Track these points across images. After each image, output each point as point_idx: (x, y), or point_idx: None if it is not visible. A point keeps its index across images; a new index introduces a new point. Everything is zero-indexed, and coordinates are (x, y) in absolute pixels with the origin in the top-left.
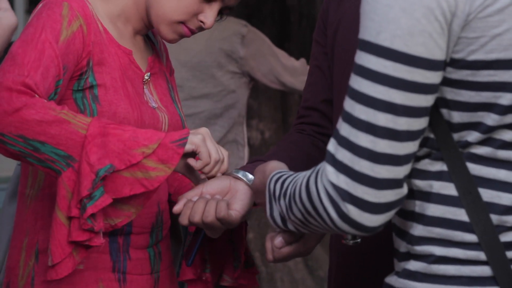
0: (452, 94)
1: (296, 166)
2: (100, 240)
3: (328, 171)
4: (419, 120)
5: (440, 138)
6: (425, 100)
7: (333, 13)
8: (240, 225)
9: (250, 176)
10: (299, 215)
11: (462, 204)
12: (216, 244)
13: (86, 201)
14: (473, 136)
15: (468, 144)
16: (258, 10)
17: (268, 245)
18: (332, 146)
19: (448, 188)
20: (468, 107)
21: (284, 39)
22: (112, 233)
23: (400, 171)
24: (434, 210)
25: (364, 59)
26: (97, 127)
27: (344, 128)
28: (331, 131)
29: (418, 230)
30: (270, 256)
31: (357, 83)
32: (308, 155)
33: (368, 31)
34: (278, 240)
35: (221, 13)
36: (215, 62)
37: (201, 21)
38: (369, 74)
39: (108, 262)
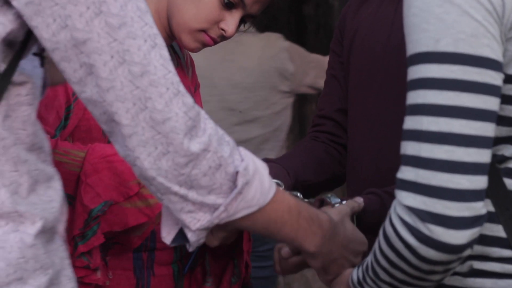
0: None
1: (307, 172)
2: (95, 277)
3: (402, 196)
4: (491, 125)
5: None
6: (495, 103)
7: (350, 22)
8: (240, 239)
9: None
10: (386, 278)
11: (500, 220)
12: (217, 256)
13: (78, 239)
14: (510, 150)
15: (505, 159)
16: (274, 20)
17: (276, 256)
18: (400, 172)
19: (486, 205)
20: (507, 121)
21: None
22: (136, 250)
23: (481, 181)
24: None
25: (423, 70)
26: (91, 163)
27: (411, 147)
28: (344, 140)
29: None
30: (277, 267)
31: (420, 96)
32: (320, 161)
33: (423, 42)
34: (285, 250)
35: (243, 21)
36: (268, 83)
37: (222, 29)
38: (433, 83)
39: (132, 279)
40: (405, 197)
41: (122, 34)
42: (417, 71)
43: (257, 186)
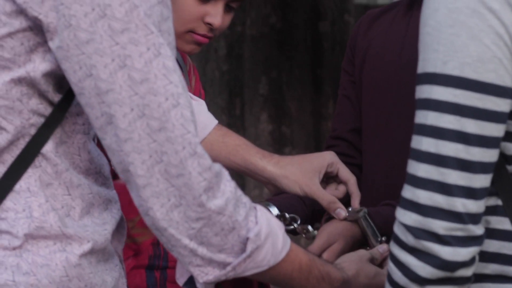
0: (510, 126)
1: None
2: None
3: (399, 214)
4: (490, 151)
5: (494, 171)
6: (497, 130)
7: (361, 41)
8: None
9: (274, 207)
10: None
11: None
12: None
13: None
14: None
15: None
16: (290, 37)
17: None
18: (402, 190)
19: (503, 223)
20: None
21: (316, 66)
22: (149, 267)
23: (474, 205)
24: (489, 245)
25: (429, 91)
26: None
27: (410, 166)
28: (358, 161)
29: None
30: None
31: (423, 117)
32: None
33: (432, 63)
34: None
35: (231, 8)
36: None
37: (209, 23)
38: (436, 105)
39: None
40: (402, 215)
41: (143, 89)
42: (423, 91)
43: (268, 248)
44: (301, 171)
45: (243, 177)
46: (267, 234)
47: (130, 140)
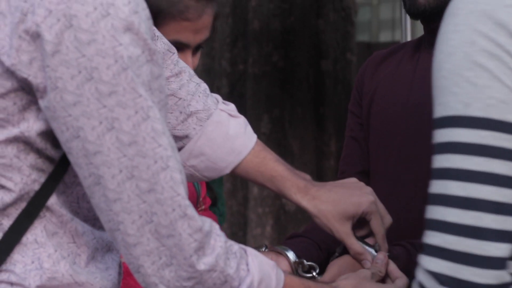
0: None
1: (337, 241)
2: None
3: (425, 261)
4: None
5: None
6: None
7: (368, 83)
8: None
9: (292, 253)
10: None
11: None
12: None
13: None
14: None
15: None
16: (292, 75)
17: None
18: (426, 236)
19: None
20: None
21: (318, 104)
22: None
23: (507, 249)
24: None
25: (451, 134)
26: None
27: (437, 211)
28: None
29: None
30: None
31: (447, 161)
32: None
33: (452, 106)
34: None
35: (196, 48)
36: None
37: None
38: (462, 148)
39: None
40: (428, 262)
41: (132, 152)
42: (444, 135)
43: None
44: (333, 215)
45: (245, 215)
46: (260, 280)
47: (119, 201)
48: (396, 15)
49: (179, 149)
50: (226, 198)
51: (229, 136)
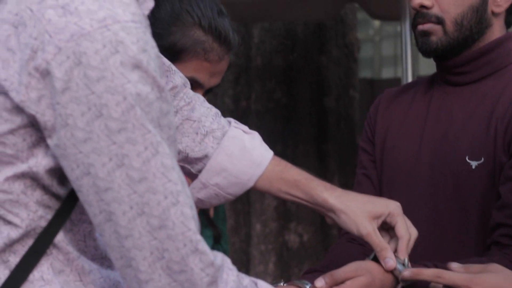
0: None
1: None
2: None
3: None
4: None
5: None
6: None
7: (381, 120)
8: None
9: (311, 285)
10: None
11: None
12: None
13: None
14: None
15: None
16: (295, 111)
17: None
18: None
19: None
20: None
21: (321, 141)
22: None
23: None
24: None
25: None
26: None
27: None
28: None
29: None
30: None
31: None
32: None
33: None
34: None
35: (208, 91)
36: None
37: None
38: None
39: None
40: None
41: (142, 188)
42: None
43: None
44: (361, 212)
45: (248, 252)
46: None
47: (130, 237)
48: (398, 51)
49: (200, 170)
50: (229, 235)
51: (247, 148)
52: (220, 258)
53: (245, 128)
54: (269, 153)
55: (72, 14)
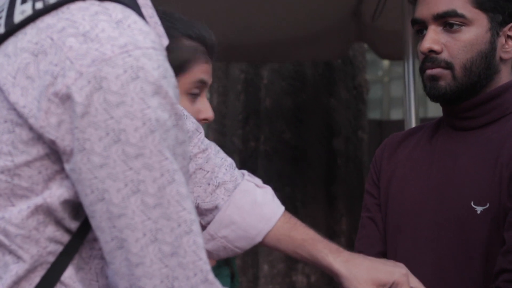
0: None
1: None
2: None
3: None
4: None
5: None
6: None
7: (386, 164)
8: None
9: None
10: None
11: None
12: None
13: None
14: None
15: None
16: (304, 153)
17: None
18: None
19: None
20: None
21: (330, 183)
22: None
23: None
24: None
25: None
26: None
27: None
28: None
29: None
30: None
31: None
32: None
33: None
34: None
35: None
36: None
37: (204, 119)
38: None
39: None
40: None
41: (156, 214)
42: None
43: None
44: (365, 280)
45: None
46: None
47: (141, 265)
48: None
49: (209, 222)
50: None
51: (258, 203)
52: None
53: (259, 181)
54: (280, 208)
55: (93, 40)
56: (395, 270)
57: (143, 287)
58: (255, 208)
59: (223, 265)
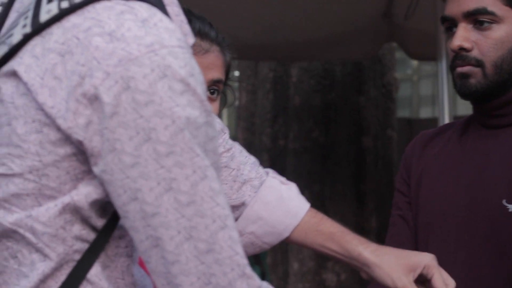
0: None
1: None
2: None
3: None
4: None
5: None
6: None
7: (416, 163)
8: None
9: None
10: None
11: None
12: None
13: None
14: None
15: None
16: (333, 151)
17: None
18: None
19: None
20: None
21: (359, 181)
22: None
23: None
24: None
25: None
26: None
27: None
28: None
29: None
30: None
31: None
32: None
33: None
34: None
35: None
36: None
37: None
38: None
39: None
40: None
41: (190, 212)
42: None
43: None
44: (396, 265)
45: None
46: None
47: (177, 263)
48: (436, 91)
49: (237, 218)
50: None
51: (284, 198)
52: (266, 285)
53: (283, 179)
54: (306, 204)
55: (119, 40)
56: (425, 255)
57: (180, 284)
58: (281, 203)
59: (254, 263)
